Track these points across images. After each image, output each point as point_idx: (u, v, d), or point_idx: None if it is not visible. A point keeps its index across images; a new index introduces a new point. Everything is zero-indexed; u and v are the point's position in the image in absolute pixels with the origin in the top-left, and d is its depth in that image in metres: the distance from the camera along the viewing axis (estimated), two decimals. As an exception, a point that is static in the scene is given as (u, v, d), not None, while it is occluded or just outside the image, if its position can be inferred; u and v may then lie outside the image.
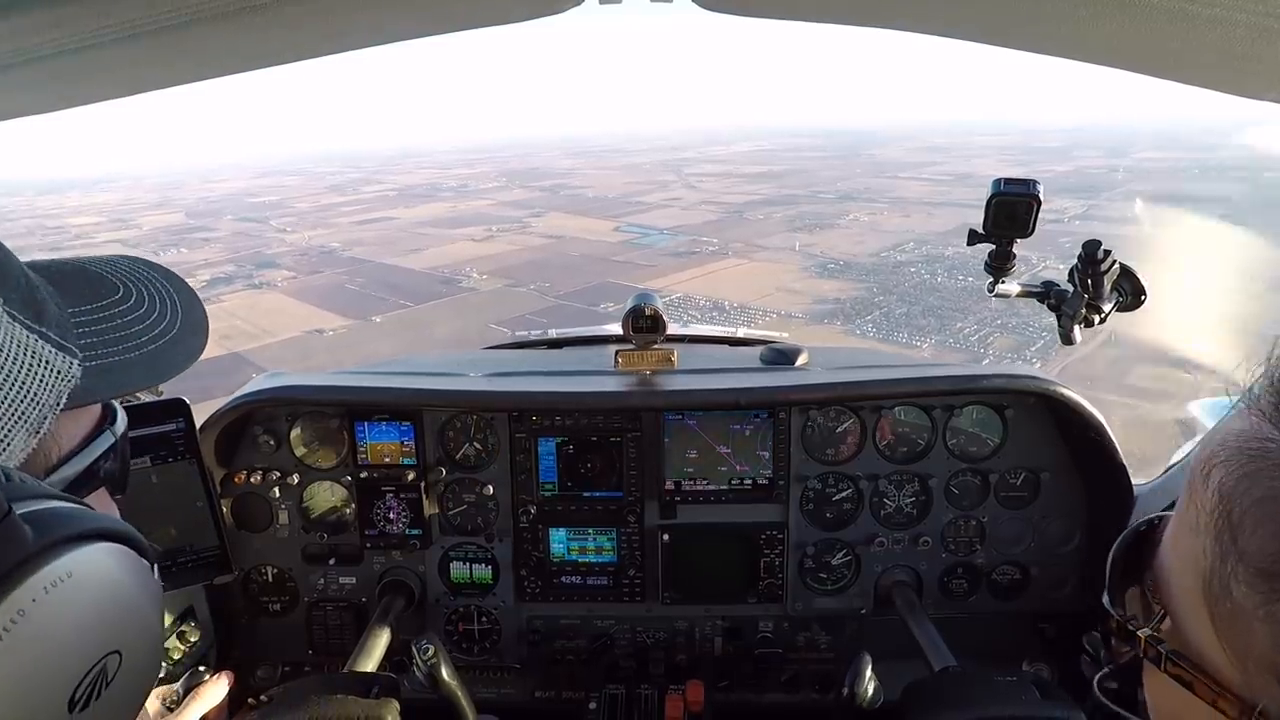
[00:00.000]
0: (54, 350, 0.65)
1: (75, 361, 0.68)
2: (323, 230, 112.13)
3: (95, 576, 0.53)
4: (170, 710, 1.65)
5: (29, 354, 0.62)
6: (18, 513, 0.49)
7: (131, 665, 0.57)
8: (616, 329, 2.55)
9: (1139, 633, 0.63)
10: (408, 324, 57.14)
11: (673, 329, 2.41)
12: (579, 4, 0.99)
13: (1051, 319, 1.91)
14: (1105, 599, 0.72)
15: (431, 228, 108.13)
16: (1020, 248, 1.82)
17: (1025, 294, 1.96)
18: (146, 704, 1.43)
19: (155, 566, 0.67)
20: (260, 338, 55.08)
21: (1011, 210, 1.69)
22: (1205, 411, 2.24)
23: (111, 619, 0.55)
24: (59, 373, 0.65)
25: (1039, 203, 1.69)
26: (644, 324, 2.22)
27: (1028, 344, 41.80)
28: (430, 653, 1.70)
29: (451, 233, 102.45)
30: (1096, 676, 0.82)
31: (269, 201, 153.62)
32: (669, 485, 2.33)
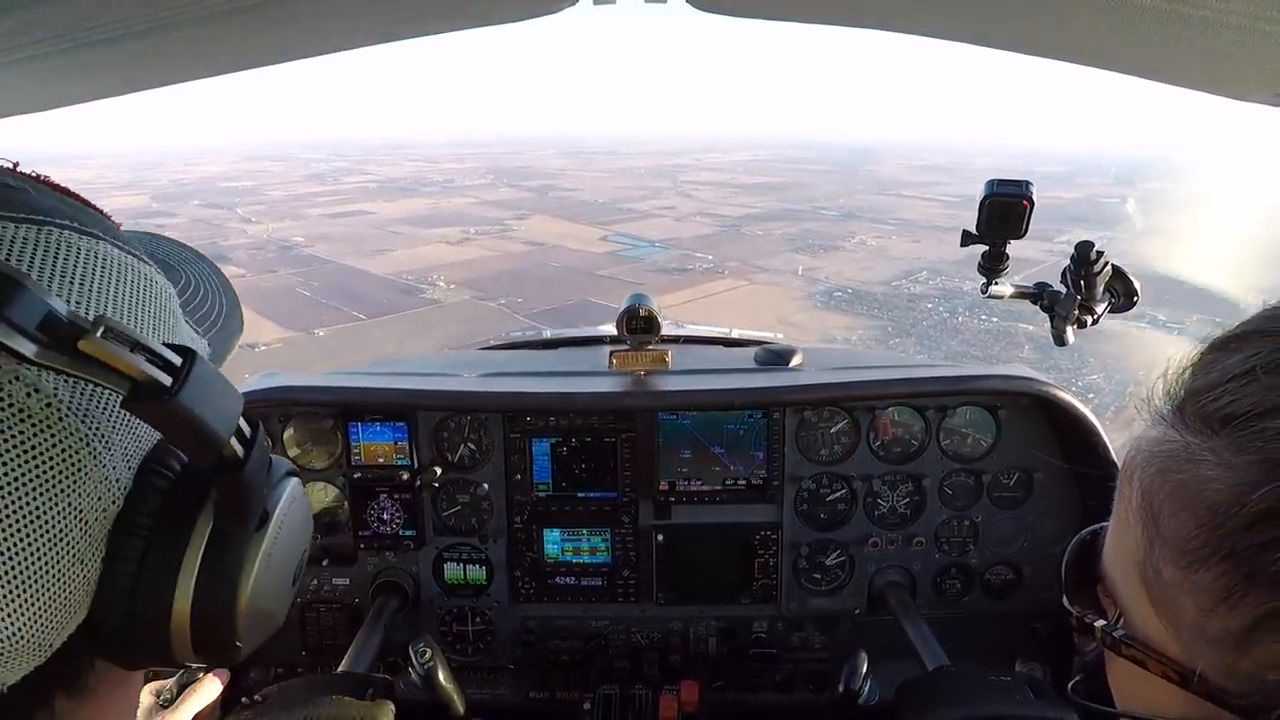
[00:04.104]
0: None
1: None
2: (290, 222, 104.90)
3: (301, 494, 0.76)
4: (164, 706, 1.60)
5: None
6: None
7: (304, 561, 0.78)
8: (611, 330, 2.59)
9: (1095, 624, 0.71)
10: (352, 342, 50.21)
11: (667, 330, 2.38)
12: (574, 3, 1.00)
13: (1095, 377, 2.53)
14: (1064, 601, 0.79)
15: (406, 226, 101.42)
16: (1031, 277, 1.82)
17: (1019, 295, 1.96)
18: (140, 698, 1.52)
19: None
20: (184, 348, 47.64)
21: (1005, 211, 1.70)
22: None
23: (306, 522, 0.78)
24: None
25: (1032, 204, 1.70)
26: (638, 324, 2.23)
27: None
28: (427, 656, 1.71)
29: (425, 233, 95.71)
30: (1069, 684, 0.88)
31: (242, 187, 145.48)
32: (663, 486, 2.34)
